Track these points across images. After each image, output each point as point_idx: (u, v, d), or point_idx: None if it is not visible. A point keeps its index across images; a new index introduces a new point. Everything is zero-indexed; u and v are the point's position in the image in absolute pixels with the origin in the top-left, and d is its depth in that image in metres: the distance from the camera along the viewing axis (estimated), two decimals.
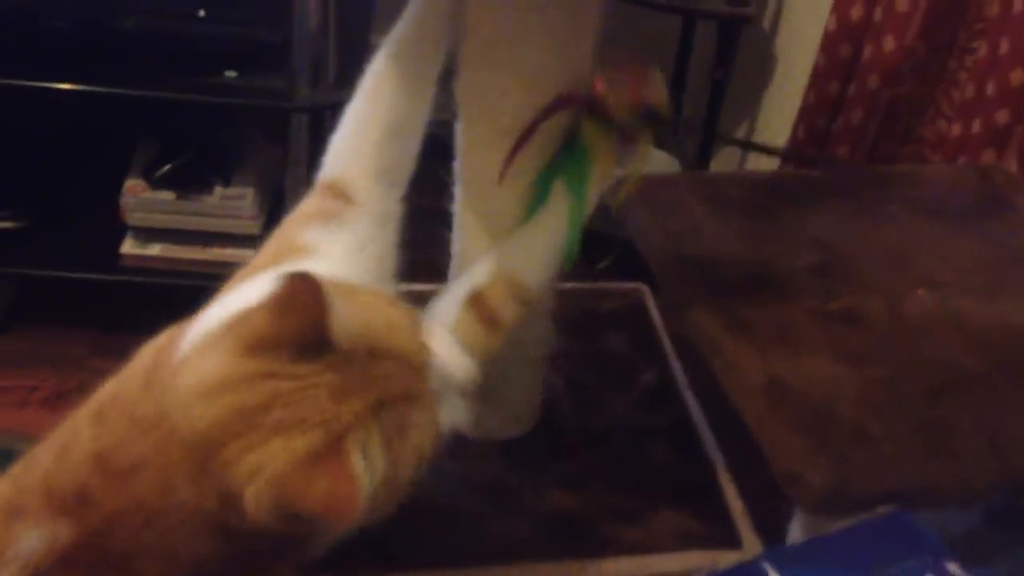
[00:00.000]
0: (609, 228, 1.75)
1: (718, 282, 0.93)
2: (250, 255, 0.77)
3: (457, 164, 0.91)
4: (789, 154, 1.70)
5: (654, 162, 1.93)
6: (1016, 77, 1.41)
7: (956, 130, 1.42)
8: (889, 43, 1.50)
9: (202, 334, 0.64)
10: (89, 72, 1.51)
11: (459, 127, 0.90)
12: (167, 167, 1.63)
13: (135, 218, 1.64)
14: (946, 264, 0.99)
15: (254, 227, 1.64)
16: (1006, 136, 1.42)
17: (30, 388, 1.54)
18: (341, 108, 0.85)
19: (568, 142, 0.85)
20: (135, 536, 0.63)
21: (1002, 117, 1.41)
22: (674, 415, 1.09)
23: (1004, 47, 1.41)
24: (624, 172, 0.86)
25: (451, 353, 0.68)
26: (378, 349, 0.62)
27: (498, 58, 0.83)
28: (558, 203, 0.85)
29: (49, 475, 0.65)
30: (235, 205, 1.64)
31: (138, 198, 1.63)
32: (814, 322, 0.88)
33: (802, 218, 1.05)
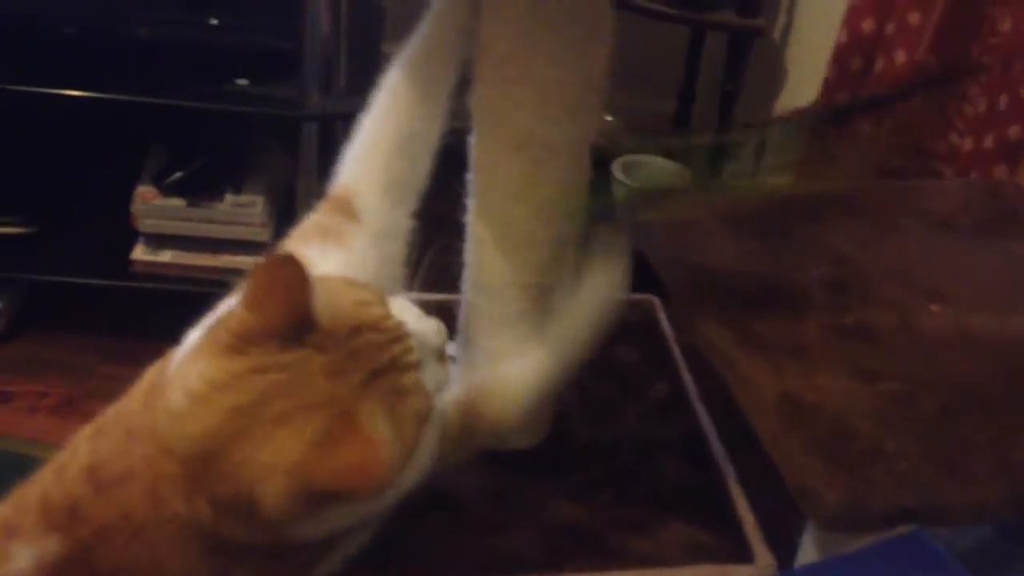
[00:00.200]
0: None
1: (730, 296, 0.93)
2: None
3: (471, 176, 0.92)
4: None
5: (665, 174, 1.94)
6: None
7: (968, 144, 1.42)
8: (900, 56, 1.50)
9: (189, 347, 0.64)
10: (101, 79, 1.52)
11: (473, 139, 0.90)
12: (178, 174, 1.64)
13: (146, 224, 1.65)
14: (959, 279, 0.99)
15: (264, 234, 1.65)
16: (1018, 151, 1.42)
17: (39, 394, 1.54)
18: (352, 117, 0.85)
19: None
20: (123, 550, 0.62)
21: (1015, 132, 1.40)
22: (685, 427, 1.09)
23: (1017, 62, 1.41)
24: None
25: (419, 319, 0.68)
26: (358, 325, 0.63)
27: (513, 72, 0.83)
28: (551, 344, 0.86)
29: (45, 492, 0.66)
30: (245, 212, 1.65)
31: (149, 205, 1.63)
32: (827, 337, 0.88)
33: (814, 231, 1.05)
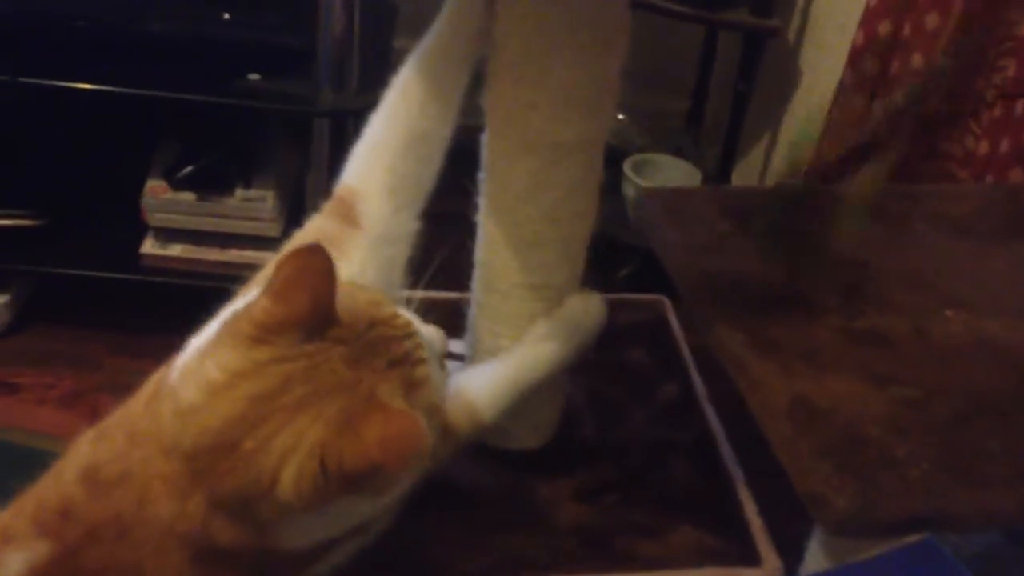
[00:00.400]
0: (629, 237, 1.76)
1: (742, 299, 0.92)
2: (269, 257, 0.76)
3: (483, 175, 0.91)
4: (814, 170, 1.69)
5: (675, 172, 1.93)
6: None
7: (984, 148, 1.41)
8: (917, 59, 1.49)
9: (197, 349, 0.64)
10: (113, 73, 1.52)
11: (486, 139, 0.90)
12: (189, 168, 1.64)
13: (156, 218, 1.66)
14: (974, 285, 0.98)
15: (274, 229, 1.65)
16: None
17: (48, 386, 1.55)
18: (364, 113, 0.85)
19: None
20: (109, 551, 0.62)
21: None
22: (694, 429, 1.09)
23: None
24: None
25: (420, 324, 0.69)
26: (373, 321, 0.64)
27: (527, 73, 0.83)
28: (540, 347, 0.89)
29: (41, 496, 0.66)
30: (255, 207, 1.65)
31: (159, 199, 1.64)
32: (840, 341, 0.88)
33: (827, 234, 1.04)
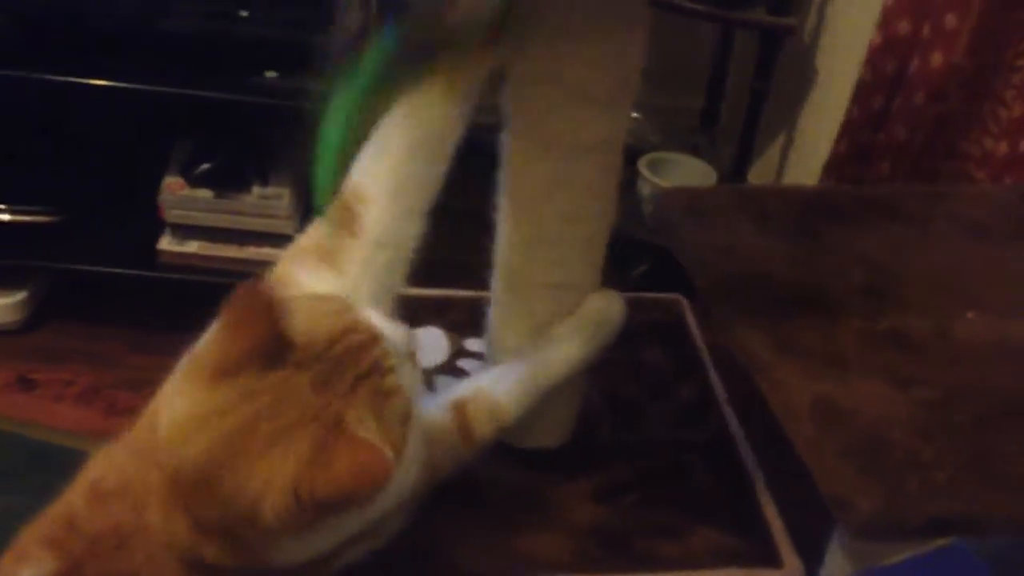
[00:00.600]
0: (644, 235, 1.76)
1: (764, 300, 0.92)
2: None
3: (502, 174, 0.91)
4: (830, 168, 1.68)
5: (690, 171, 1.93)
6: None
7: (1002, 148, 1.40)
8: (936, 59, 1.48)
9: (179, 370, 0.65)
10: (130, 70, 1.53)
11: (505, 138, 0.89)
12: (206, 165, 1.64)
13: (173, 215, 1.66)
14: (995, 286, 0.98)
15: (290, 227, 1.65)
16: None
17: (66, 382, 1.56)
18: None
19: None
20: (109, 562, 0.63)
21: None
22: (713, 429, 1.08)
23: None
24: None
25: (388, 326, 0.68)
26: (334, 335, 0.64)
27: (546, 72, 0.83)
28: (561, 346, 0.89)
29: (52, 510, 0.66)
30: (272, 205, 1.65)
31: (177, 195, 1.64)
32: (862, 343, 0.87)
33: (848, 235, 1.04)
